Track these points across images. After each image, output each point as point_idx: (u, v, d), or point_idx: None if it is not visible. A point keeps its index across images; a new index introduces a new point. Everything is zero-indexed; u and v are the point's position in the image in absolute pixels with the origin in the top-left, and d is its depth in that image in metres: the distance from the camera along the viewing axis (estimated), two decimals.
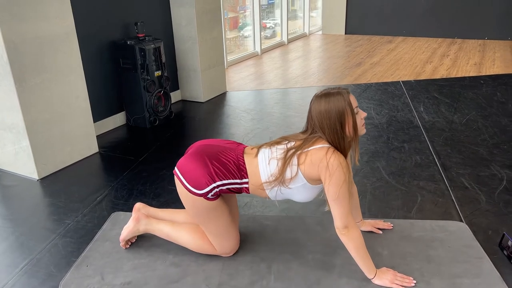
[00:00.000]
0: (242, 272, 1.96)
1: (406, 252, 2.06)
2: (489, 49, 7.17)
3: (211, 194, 1.83)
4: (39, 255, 2.12)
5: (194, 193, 1.83)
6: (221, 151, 1.87)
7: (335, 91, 1.75)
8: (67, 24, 2.94)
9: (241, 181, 1.84)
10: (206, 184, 1.81)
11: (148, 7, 4.12)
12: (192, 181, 1.83)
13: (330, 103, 1.73)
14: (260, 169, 1.83)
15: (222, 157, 1.85)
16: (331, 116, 1.72)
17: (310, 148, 1.75)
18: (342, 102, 1.73)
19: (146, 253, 2.11)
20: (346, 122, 1.73)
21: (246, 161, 1.85)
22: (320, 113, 1.74)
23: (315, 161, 1.72)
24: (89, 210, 2.52)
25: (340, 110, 1.72)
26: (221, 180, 1.82)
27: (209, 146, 1.91)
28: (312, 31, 9.65)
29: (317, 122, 1.76)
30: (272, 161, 1.81)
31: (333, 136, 1.75)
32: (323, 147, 1.73)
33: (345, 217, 1.74)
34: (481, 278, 1.87)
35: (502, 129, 3.62)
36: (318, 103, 1.76)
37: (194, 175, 1.83)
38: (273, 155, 1.83)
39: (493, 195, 2.57)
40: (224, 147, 1.91)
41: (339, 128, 1.73)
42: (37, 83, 2.80)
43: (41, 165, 2.91)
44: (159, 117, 3.92)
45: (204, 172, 1.81)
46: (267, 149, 1.86)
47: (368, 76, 5.62)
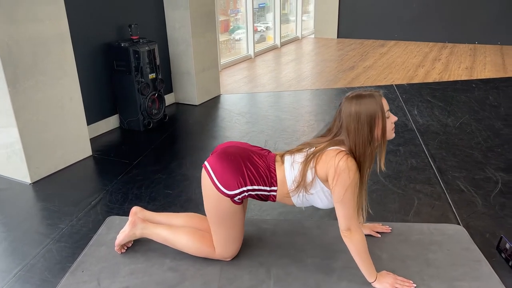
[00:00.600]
0: (241, 276, 1.94)
1: (405, 255, 2.06)
2: (479, 54, 7.26)
3: (238, 197, 1.81)
4: (33, 261, 2.07)
5: (223, 193, 1.81)
6: (254, 156, 1.86)
7: (367, 93, 1.72)
8: (61, 25, 2.90)
9: (270, 189, 1.83)
10: (237, 186, 1.79)
11: (141, 10, 4.09)
12: (224, 181, 1.80)
13: (362, 105, 1.68)
14: (286, 176, 1.82)
15: (255, 162, 1.84)
16: (360, 119, 1.68)
17: (327, 149, 1.73)
18: (374, 105, 1.69)
19: (143, 258, 2.07)
20: (376, 126, 1.70)
21: (276, 169, 1.84)
22: (350, 115, 1.70)
23: (325, 161, 1.71)
24: (84, 214, 2.48)
25: (371, 113, 1.68)
26: (252, 185, 1.81)
27: (242, 149, 1.89)
28: (304, 35, 9.68)
29: (344, 123, 1.72)
30: (294, 165, 1.80)
31: (358, 139, 1.71)
32: (337, 149, 1.72)
33: (348, 219, 1.73)
34: (480, 281, 1.87)
35: (495, 132, 3.65)
36: (349, 105, 1.71)
37: (226, 175, 1.80)
38: (295, 160, 1.82)
39: (489, 198, 2.58)
40: (256, 152, 1.89)
41: (367, 131, 1.69)
42: (31, 86, 2.76)
43: (34, 169, 2.86)
44: (153, 120, 3.88)
45: (238, 174, 1.80)
46: (290, 157, 1.85)
47: (362, 79, 5.64)
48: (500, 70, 6.01)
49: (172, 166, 3.10)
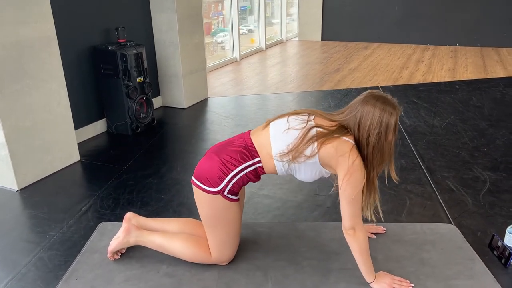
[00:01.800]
0: (239, 280, 1.93)
1: (400, 255, 2.08)
2: (460, 55, 7.41)
3: (228, 189, 1.79)
4: (24, 270, 2.02)
5: (211, 192, 1.80)
6: (228, 144, 1.86)
7: (392, 103, 1.72)
8: (47, 28, 2.85)
9: (254, 161, 1.80)
10: (220, 179, 1.78)
11: (127, 12, 4.04)
12: (206, 180, 1.80)
13: (385, 111, 1.69)
14: (271, 138, 1.79)
15: (229, 148, 1.83)
16: (379, 122, 1.69)
17: (339, 136, 1.73)
18: (394, 117, 1.71)
19: (138, 264, 2.04)
20: (387, 136, 1.72)
21: (254, 140, 1.83)
22: (369, 112, 1.70)
23: (336, 150, 1.70)
24: (75, 221, 2.43)
25: (389, 123, 1.70)
26: (234, 169, 1.78)
27: (216, 146, 1.90)
28: (289, 38, 9.72)
29: (359, 116, 1.72)
30: (291, 131, 1.77)
31: (373, 141, 1.71)
32: (349, 142, 1.72)
33: (354, 218, 1.74)
34: (475, 279, 1.90)
35: (480, 132, 3.72)
36: (373, 104, 1.70)
37: (207, 175, 1.81)
38: (291, 125, 1.79)
39: (478, 197, 2.63)
40: (231, 140, 1.90)
41: (383, 136, 1.71)
42: (17, 90, 2.70)
43: (21, 175, 2.80)
44: (141, 124, 3.84)
45: (215, 167, 1.79)
46: (284, 119, 1.83)
47: (348, 81, 5.70)
48: (482, 72, 6.14)
49: (163, 170, 3.07)
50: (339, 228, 2.27)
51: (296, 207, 2.56)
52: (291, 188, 2.77)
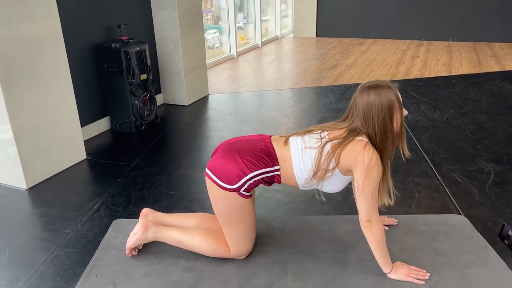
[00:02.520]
0: (258, 274, 1.95)
1: (414, 246, 2.12)
2: (454, 50, 7.50)
3: (244, 188, 1.81)
4: (42, 268, 2.02)
5: (227, 189, 1.81)
6: (249, 143, 1.87)
7: (384, 84, 1.74)
8: (54, 26, 2.84)
9: (273, 169, 1.83)
10: (238, 178, 1.79)
11: (128, 10, 4.03)
12: (224, 177, 1.81)
13: (381, 95, 1.71)
14: (292, 156, 1.82)
15: (251, 149, 1.84)
16: (381, 108, 1.71)
17: (350, 139, 1.75)
18: (392, 95, 1.72)
19: (157, 260, 2.05)
20: (394, 116, 1.74)
21: (276, 147, 1.85)
22: (369, 104, 1.72)
23: (352, 152, 1.73)
24: (88, 219, 2.43)
25: (390, 103, 1.71)
26: (253, 171, 1.80)
27: (235, 143, 1.90)
28: (283, 34, 9.75)
29: (361, 112, 1.74)
30: (307, 150, 1.80)
31: (380, 128, 1.73)
32: (362, 140, 1.75)
33: (370, 211, 1.77)
34: (488, 267, 1.95)
35: (481, 125, 3.79)
36: (367, 94, 1.73)
37: (225, 171, 1.81)
38: (307, 144, 1.82)
39: (484, 188, 2.69)
40: (250, 139, 1.90)
41: (388, 120, 1.72)
42: (25, 89, 2.69)
43: (30, 174, 2.79)
44: (145, 121, 3.84)
45: (235, 166, 1.80)
46: (299, 137, 1.86)
47: (346, 77, 5.74)
48: (476, 66, 6.23)
49: (171, 167, 3.08)
50: (352, 221, 2.32)
51: (306, 201, 2.59)
52: None
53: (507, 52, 7.28)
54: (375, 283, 1.86)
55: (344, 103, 4.49)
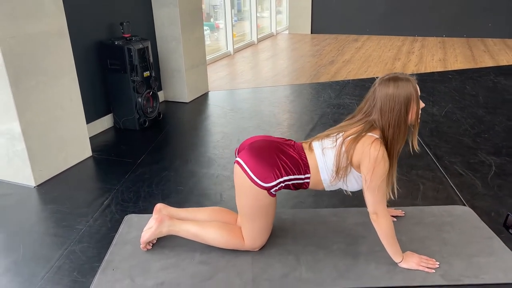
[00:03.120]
0: (272, 265, 1.99)
1: (422, 236, 2.18)
2: (449, 46, 7.59)
3: (275, 188, 1.86)
4: (58, 263, 2.04)
5: (260, 186, 1.84)
6: (283, 147, 1.91)
7: (404, 77, 1.79)
8: (60, 23, 2.84)
9: (304, 177, 1.89)
10: (274, 178, 1.83)
11: (128, 8, 4.03)
12: (260, 174, 1.84)
13: (399, 88, 1.75)
14: (318, 161, 1.88)
15: (287, 152, 1.89)
16: (398, 101, 1.75)
17: (362, 135, 1.80)
18: (410, 88, 1.76)
19: (172, 253, 2.09)
20: (411, 108, 1.79)
21: (307, 156, 1.89)
22: (387, 96, 1.76)
23: (362, 148, 1.78)
24: (99, 215, 2.45)
25: (408, 95, 1.76)
26: (288, 175, 1.86)
27: (269, 142, 1.94)
28: (279, 31, 9.77)
29: (379, 104, 1.78)
30: (325, 151, 1.86)
31: (392, 120, 1.77)
32: (372, 136, 1.79)
33: (376, 205, 1.82)
34: (495, 256, 2.01)
35: (479, 119, 3.86)
36: (386, 86, 1.77)
37: (262, 168, 1.84)
38: (325, 145, 1.88)
39: (487, 180, 2.75)
40: (283, 143, 1.95)
41: (403, 112, 1.76)
42: (32, 86, 2.69)
43: (38, 171, 2.80)
44: (148, 118, 3.85)
45: (273, 166, 1.84)
46: (319, 143, 1.91)
47: (343, 73, 5.79)
48: (471, 61, 6.33)
49: (177, 163, 3.11)
50: (360, 213, 2.38)
51: (314, 195, 2.63)
52: None
53: (500, 47, 7.39)
54: (387, 272, 1.92)
55: (343, 99, 4.54)
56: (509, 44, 7.70)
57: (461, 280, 1.86)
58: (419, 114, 1.83)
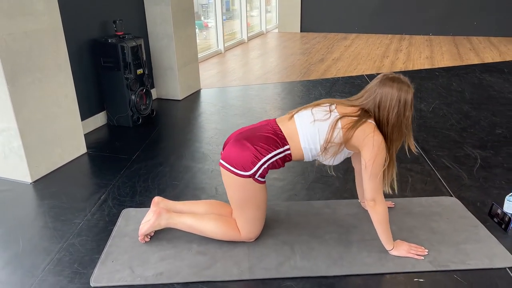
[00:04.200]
0: (268, 254, 2.06)
1: (412, 226, 2.26)
2: (435, 44, 7.73)
3: (259, 173, 1.91)
4: (58, 255, 2.09)
5: (243, 176, 1.90)
6: (256, 130, 1.97)
7: (406, 82, 1.90)
8: (55, 21, 2.87)
9: (284, 149, 1.94)
10: (253, 164, 1.89)
11: (121, 5, 4.06)
12: (239, 165, 1.91)
13: (401, 91, 1.86)
14: (298, 130, 1.93)
15: (260, 134, 1.94)
16: (398, 102, 1.86)
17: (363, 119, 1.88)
18: (410, 95, 1.89)
19: (170, 245, 2.14)
20: (405, 113, 1.88)
21: (282, 128, 1.96)
22: (388, 94, 1.86)
23: (364, 133, 1.85)
24: (97, 209, 2.49)
25: (406, 101, 1.87)
26: (266, 155, 1.91)
27: (244, 132, 2.01)
28: (268, 29, 9.84)
29: (378, 98, 1.88)
30: (317, 123, 1.91)
31: (392, 120, 1.87)
32: (372, 124, 1.88)
33: (374, 192, 1.90)
34: (481, 243, 2.11)
35: (465, 115, 3.98)
36: (390, 85, 1.87)
37: (239, 158, 1.91)
38: (316, 117, 1.93)
39: (472, 172, 2.85)
40: (257, 126, 2.01)
41: (402, 113, 1.88)
42: (28, 83, 2.72)
43: (34, 168, 2.82)
44: (142, 115, 3.89)
45: (249, 152, 1.91)
46: (307, 111, 1.97)
47: (333, 71, 5.88)
48: (457, 59, 6.47)
49: (172, 159, 3.16)
50: (351, 205, 2.47)
51: (307, 188, 2.70)
52: (299, 171, 2.92)
53: (485, 45, 7.56)
54: (379, 260, 2.00)
55: (334, 95, 4.63)
56: (494, 42, 7.88)
57: (448, 266, 1.94)
58: (411, 120, 1.94)
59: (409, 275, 1.90)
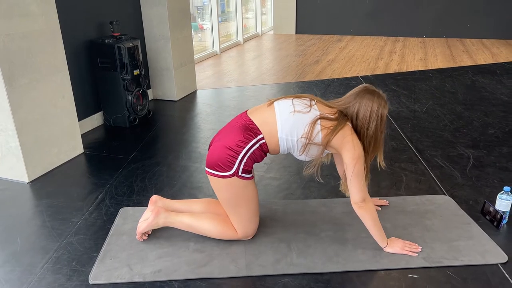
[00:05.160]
0: (265, 252, 2.09)
1: (405, 223, 2.30)
2: (429, 46, 7.81)
3: (241, 169, 1.93)
4: (56, 254, 2.10)
5: (227, 176, 1.93)
6: (228, 129, 2.01)
7: (384, 98, 1.98)
8: (52, 21, 2.88)
9: (257, 139, 1.94)
10: (231, 162, 1.92)
11: (118, 7, 4.08)
12: (219, 167, 1.94)
13: (380, 106, 1.95)
14: (277, 118, 1.94)
15: (231, 131, 1.97)
16: (376, 114, 1.94)
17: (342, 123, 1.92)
18: (386, 111, 1.97)
19: (167, 243, 2.17)
20: (379, 126, 1.97)
21: (254, 118, 1.96)
22: (366, 106, 1.94)
23: (342, 136, 1.90)
24: (94, 208, 2.51)
25: (382, 115, 1.96)
26: (241, 151, 1.92)
27: (219, 133, 2.05)
28: (264, 31, 9.89)
29: (357, 107, 1.94)
30: (297, 114, 1.93)
31: (370, 130, 1.94)
32: (348, 125, 1.94)
33: (362, 191, 1.94)
34: (474, 240, 2.15)
35: (458, 115, 4.03)
36: (370, 98, 1.95)
37: (217, 161, 1.94)
38: (298, 108, 1.95)
39: (465, 171, 2.90)
40: (229, 124, 2.04)
41: (379, 126, 1.95)
42: (26, 83, 2.73)
43: (31, 167, 2.84)
44: (138, 116, 3.91)
45: (223, 152, 1.93)
46: (288, 100, 1.99)
47: (328, 72, 5.93)
48: (450, 61, 6.54)
49: (169, 158, 3.18)
50: (347, 203, 2.50)
51: (303, 187, 2.73)
52: (295, 170, 2.95)
53: (478, 47, 7.64)
54: (373, 257, 2.03)
55: (329, 97, 4.67)
56: (487, 44, 7.97)
57: (442, 262, 1.98)
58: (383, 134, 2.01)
59: (403, 271, 1.94)
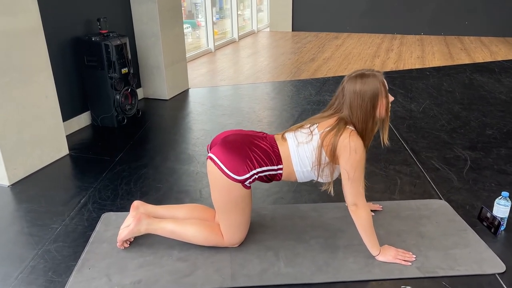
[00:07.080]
0: (251, 261, 1.99)
1: (399, 230, 2.21)
2: (427, 44, 7.71)
3: (249, 180, 1.85)
4: (33, 262, 2.00)
5: (233, 179, 1.83)
6: (255, 139, 1.90)
7: (370, 73, 1.82)
8: (33, 19, 2.77)
9: (277, 167, 1.89)
10: (247, 170, 1.82)
11: (106, 3, 3.97)
12: (233, 167, 1.83)
13: (365, 84, 1.80)
14: (291, 152, 1.88)
15: (258, 144, 1.88)
16: (365, 97, 1.80)
17: (341, 130, 1.81)
18: (376, 84, 1.81)
19: (149, 251, 2.07)
20: (379, 103, 1.82)
21: (279, 147, 1.89)
22: (355, 93, 1.81)
23: (341, 142, 1.80)
24: (76, 213, 2.41)
25: (374, 91, 1.80)
26: (261, 167, 1.85)
27: (241, 135, 1.94)
28: (260, 28, 9.77)
29: (348, 100, 1.83)
30: (300, 145, 1.87)
31: (361, 116, 1.82)
32: (348, 129, 1.81)
33: (355, 196, 1.84)
34: (470, 247, 2.05)
35: (455, 115, 3.94)
36: (353, 83, 1.81)
37: (234, 161, 1.83)
38: (300, 140, 1.88)
39: (462, 174, 2.81)
40: (254, 135, 1.94)
41: (370, 108, 1.81)
42: (6, 83, 2.62)
43: (12, 170, 2.73)
44: (127, 115, 3.80)
45: (245, 158, 1.84)
46: (292, 133, 1.92)
47: (324, 70, 5.83)
48: (448, 59, 6.44)
49: (157, 160, 3.08)
50: (339, 208, 2.40)
51: (294, 191, 2.64)
52: None
53: (476, 45, 7.54)
54: (365, 266, 1.93)
55: (323, 96, 4.57)
56: (485, 41, 7.87)
57: (436, 272, 1.89)
58: (388, 108, 1.87)
59: (396, 281, 1.84)
